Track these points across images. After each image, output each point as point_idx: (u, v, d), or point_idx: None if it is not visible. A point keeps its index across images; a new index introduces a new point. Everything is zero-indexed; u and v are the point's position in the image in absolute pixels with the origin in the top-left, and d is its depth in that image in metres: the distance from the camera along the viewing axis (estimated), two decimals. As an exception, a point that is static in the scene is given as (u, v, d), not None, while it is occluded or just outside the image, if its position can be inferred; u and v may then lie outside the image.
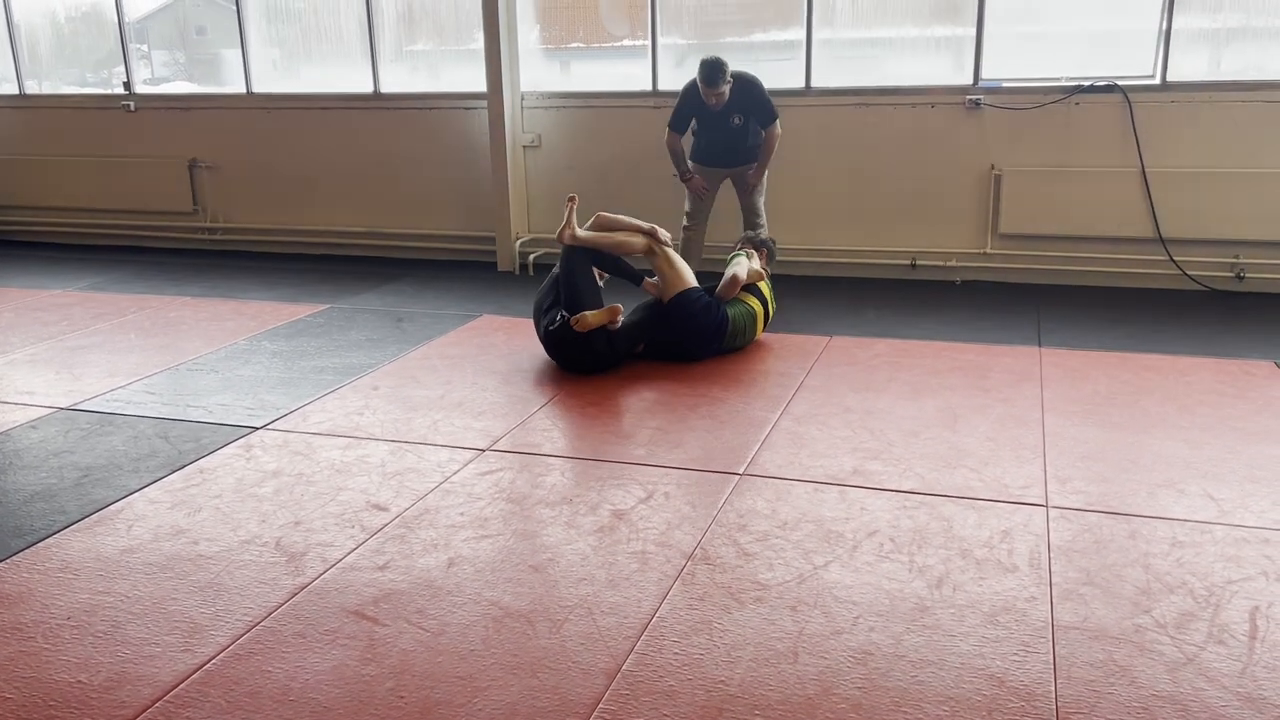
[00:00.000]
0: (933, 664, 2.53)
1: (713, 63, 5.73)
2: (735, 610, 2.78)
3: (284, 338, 5.58)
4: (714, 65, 5.73)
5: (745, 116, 5.98)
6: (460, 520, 3.35)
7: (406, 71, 7.71)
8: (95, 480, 3.72)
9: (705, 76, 5.74)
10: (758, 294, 5.26)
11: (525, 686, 2.47)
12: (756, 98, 5.95)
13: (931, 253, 6.75)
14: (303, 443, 4.06)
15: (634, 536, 3.22)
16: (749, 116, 5.99)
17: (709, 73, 5.73)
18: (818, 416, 4.25)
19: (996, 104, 6.44)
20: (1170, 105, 6.18)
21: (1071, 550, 3.08)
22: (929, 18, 6.57)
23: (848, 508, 3.40)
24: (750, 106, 5.95)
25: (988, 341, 5.29)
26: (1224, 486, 3.51)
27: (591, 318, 4.73)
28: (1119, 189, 6.32)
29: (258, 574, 3.02)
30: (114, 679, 2.53)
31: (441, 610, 2.81)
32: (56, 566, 3.09)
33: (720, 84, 5.75)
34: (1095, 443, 3.91)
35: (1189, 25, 6.15)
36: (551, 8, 7.39)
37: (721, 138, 6.06)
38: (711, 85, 5.75)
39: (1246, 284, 6.25)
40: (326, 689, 2.47)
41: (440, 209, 7.69)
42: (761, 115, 5.99)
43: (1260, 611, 2.73)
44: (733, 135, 6.03)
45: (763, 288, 5.31)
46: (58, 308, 6.33)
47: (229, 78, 8.17)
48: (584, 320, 4.72)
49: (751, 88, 5.95)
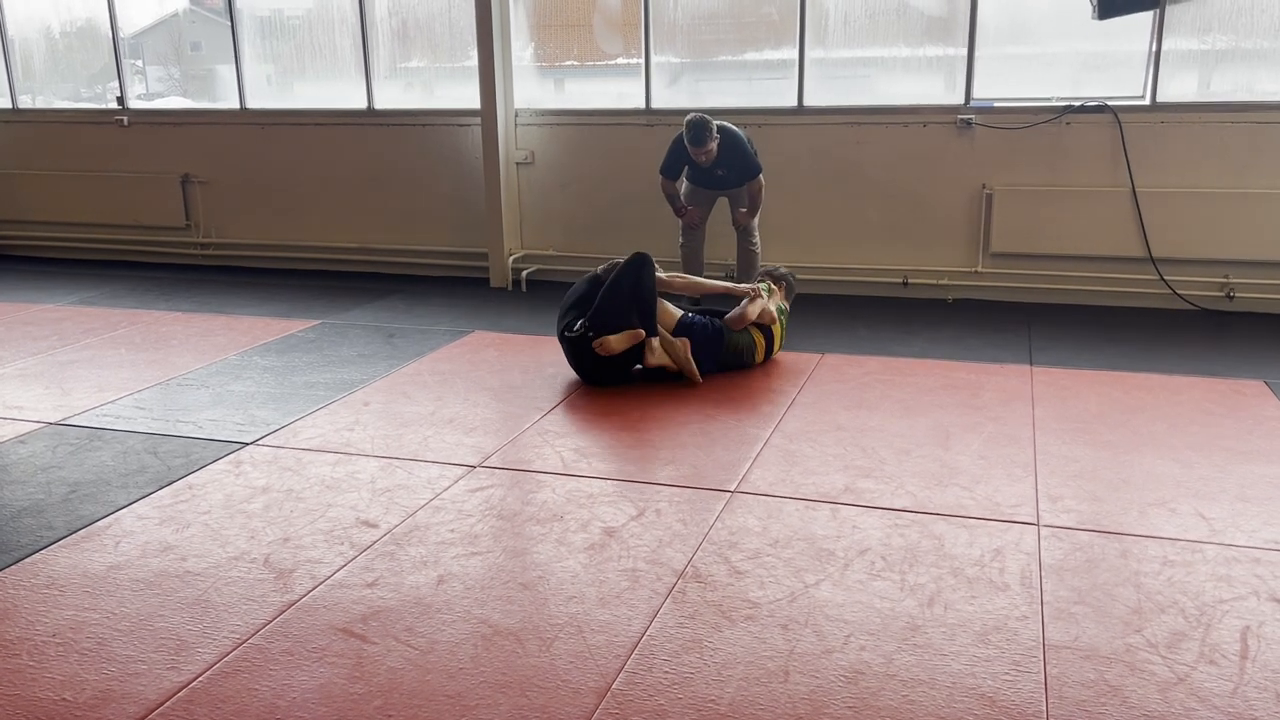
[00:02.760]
0: (924, 683, 2.52)
1: (698, 123, 5.83)
2: (726, 628, 2.77)
3: (275, 353, 5.56)
4: (699, 125, 5.82)
5: (730, 171, 6.11)
6: (450, 537, 3.33)
7: (400, 88, 7.73)
8: (83, 496, 3.69)
9: (692, 137, 5.84)
10: (766, 334, 5.18)
11: (515, 705, 2.45)
12: (739, 156, 6.05)
13: (923, 271, 6.77)
14: (293, 458, 4.04)
15: (625, 554, 3.20)
16: (733, 172, 6.11)
17: (696, 133, 5.82)
18: (809, 434, 4.25)
19: (988, 123, 6.47)
20: (1160, 125, 6.22)
21: (1063, 569, 3.08)
22: (921, 38, 6.61)
23: (839, 526, 3.39)
24: (734, 163, 6.06)
25: (979, 360, 5.30)
26: (1215, 506, 3.51)
27: (614, 342, 4.74)
28: (1109, 208, 6.35)
29: (246, 591, 3.00)
30: (99, 696, 2.50)
31: (431, 628, 2.79)
32: (43, 582, 3.07)
33: (707, 141, 5.86)
34: (1086, 461, 3.91)
35: (1179, 47, 6.20)
36: (545, 26, 7.42)
37: (712, 180, 6.22)
38: (699, 145, 5.86)
39: (1237, 303, 6.28)
40: (314, 707, 2.46)
41: (433, 225, 7.70)
42: (745, 172, 6.10)
43: (1251, 631, 2.73)
44: (719, 180, 6.20)
45: (775, 330, 5.22)
46: (48, 322, 6.31)
47: (223, 93, 8.18)
48: (606, 345, 4.73)
49: (734, 146, 6.03)
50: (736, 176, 6.14)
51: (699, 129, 5.83)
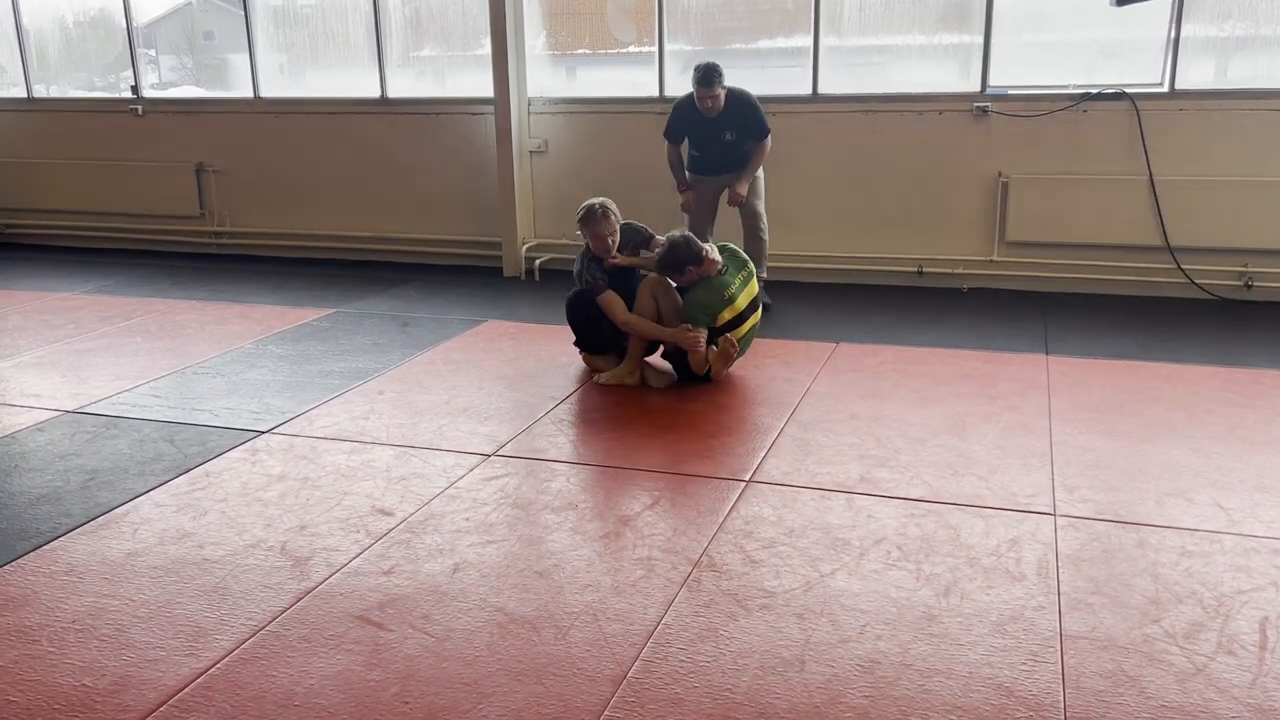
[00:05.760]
0: (940, 673, 2.51)
1: (707, 65, 5.74)
2: (741, 618, 2.77)
3: (290, 342, 5.58)
4: (709, 67, 5.73)
5: (737, 132, 5.94)
6: (465, 525, 3.34)
7: (413, 77, 7.72)
8: (101, 483, 3.71)
9: (700, 78, 5.74)
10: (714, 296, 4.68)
11: (530, 693, 2.46)
12: (750, 113, 5.92)
13: (938, 260, 6.73)
14: (308, 447, 4.05)
15: (640, 543, 3.20)
16: (742, 132, 5.94)
17: (704, 74, 5.72)
18: (824, 423, 4.24)
19: (1004, 111, 6.43)
20: (1179, 113, 6.16)
21: (1080, 559, 3.06)
22: (936, 25, 6.56)
23: (854, 515, 3.38)
24: (744, 121, 5.92)
25: (995, 349, 5.28)
26: (1233, 496, 3.49)
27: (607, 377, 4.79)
28: (1127, 197, 6.30)
29: (263, 578, 3.01)
30: (118, 683, 2.52)
31: (447, 616, 2.80)
32: (62, 570, 3.09)
33: (715, 85, 5.73)
34: (1103, 451, 3.89)
35: (1197, 33, 6.14)
36: (558, 14, 7.40)
37: (715, 151, 6.02)
38: (706, 86, 5.73)
39: (1255, 293, 6.23)
40: (331, 694, 2.47)
41: (446, 214, 7.69)
42: (755, 130, 5.95)
43: (1270, 622, 2.72)
44: (725, 149, 5.99)
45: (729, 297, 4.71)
46: (64, 311, 6.34)
47: (236, 82, 8.19)
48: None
49: (746, 103, 5.91)
50: (744, 136, 5.93)
51: (708, 70, 5.72)
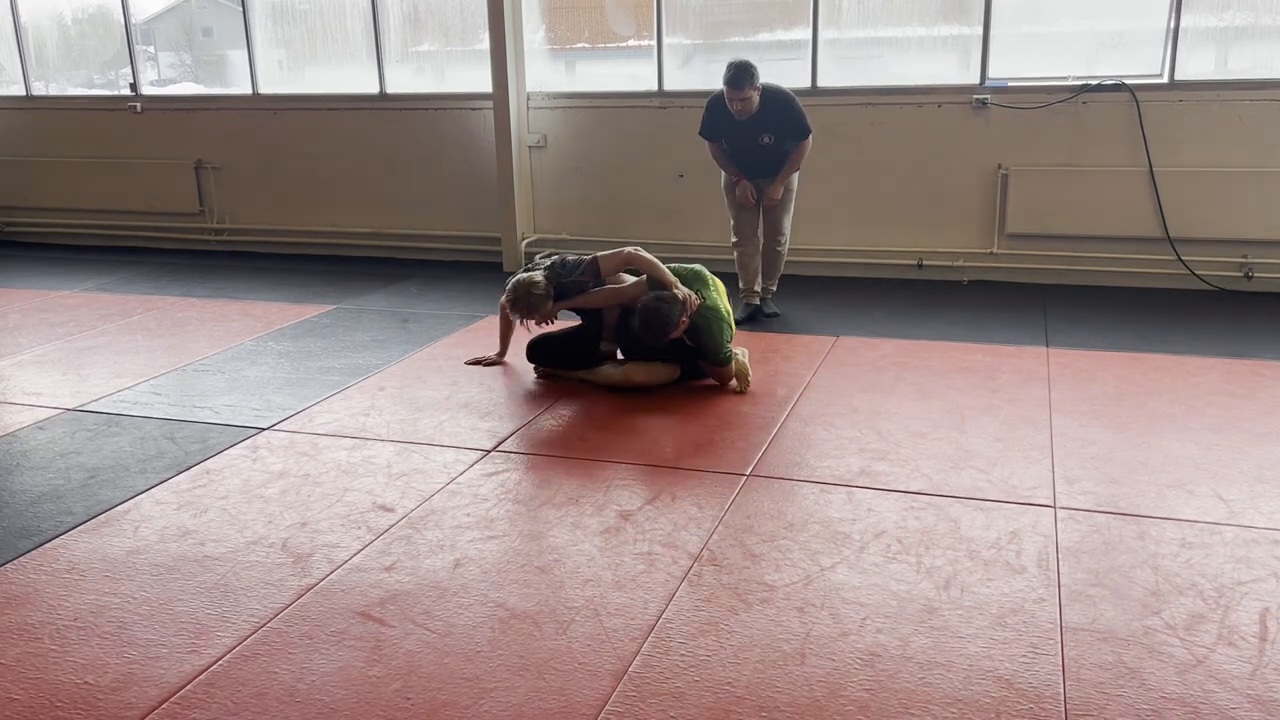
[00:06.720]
0: (940, 666, 2.52)
1: (738, 65, 5.25)
2: (742, 612, 2.77)
3: (290, 338, 5.58)
4: (739, 67, 5.24)
5: (776, 136, 5.49)
6: (466, 521, 3.34)
7: (412, 72, 7.71)
8: (102, 481, 3.72)
9: (730, 78, 5.26)
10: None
11: (532, 688, 2.46)
12: (790, 114, 5.46)
13: (938, 253, 6.73)
14: (309, 443, 4.05)
15: (640, 538, 3.21)
16: (780, 135, 5.50)
17: (734, 74, 5.25)
18: (824, 417, 4.24)
19: (1003, 103, 6.41)
20: (1178, 104, 6.15)
21: (1080, 551, 3.07)
22: (935, 17, 6.55)
23: (855, 509, 3.39)
24: (783, 123, 5.47)
25: (995, 342, 5.28)
26: (1234, 487, 3.49)
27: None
28: (1127, 188, 6.29)
29: (264, 575, 3.02)
30: (120, 680, 2.53)
31: (448, 611, 2.81)
32: (63, 567, 3.09)
33: (745, 87, 5.25)
34: (1103, 443, 3.89)
35: (1197, 24, 6.12)
36: (557, 8, 7.38)
37: (752, 156, 5.58)
38: (736, 88, 5.26)
39: (1255, 283, 6.22)
40: (333, 690, 2.47)
41: (446, 210, 7.69)
42: (795, 131, 5.50)
43: (1270, 613, 2.72)
44: (763, 153, 5.55)
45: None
46: (64, 309, 6.34)
47: (235, 79, 8.18)
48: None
49: (785, 103, 5.45)
50: (782, 138, 5.49)
51: (739, 70, 5.22)
